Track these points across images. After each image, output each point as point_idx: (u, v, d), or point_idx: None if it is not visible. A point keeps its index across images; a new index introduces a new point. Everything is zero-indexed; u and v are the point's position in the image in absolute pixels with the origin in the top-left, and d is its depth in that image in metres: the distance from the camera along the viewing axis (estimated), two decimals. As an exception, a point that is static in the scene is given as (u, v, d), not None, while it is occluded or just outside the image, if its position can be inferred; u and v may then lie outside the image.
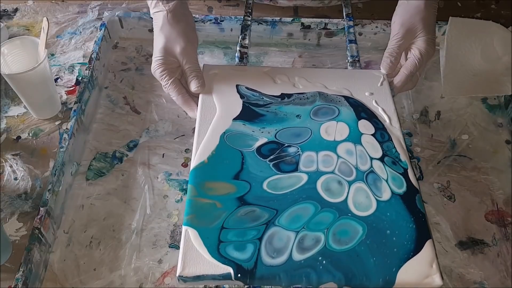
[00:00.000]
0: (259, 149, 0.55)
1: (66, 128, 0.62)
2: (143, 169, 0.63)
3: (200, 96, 0.61)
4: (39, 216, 0.54)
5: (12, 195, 0.61)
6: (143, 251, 0.56)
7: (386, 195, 0.51)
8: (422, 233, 0.49)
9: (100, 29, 0.74)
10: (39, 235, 0.53)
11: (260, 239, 0.48)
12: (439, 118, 0.69)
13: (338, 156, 0.55)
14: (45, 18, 0.63)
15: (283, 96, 0.61)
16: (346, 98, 0.61)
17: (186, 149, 0.65)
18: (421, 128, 0.68)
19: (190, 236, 0.48)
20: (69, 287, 0.54)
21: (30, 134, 0.67)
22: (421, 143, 0.66)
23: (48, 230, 0.55)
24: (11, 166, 0.64)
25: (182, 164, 0.64)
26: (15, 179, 0.63)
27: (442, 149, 0.66)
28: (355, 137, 0.56)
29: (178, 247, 0.56)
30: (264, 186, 0.52)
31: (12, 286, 0.50)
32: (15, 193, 0.61)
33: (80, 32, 0.80)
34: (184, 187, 0.61)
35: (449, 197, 0.61)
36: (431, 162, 0.65)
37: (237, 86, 0.62)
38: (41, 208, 0.55)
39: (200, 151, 0.55)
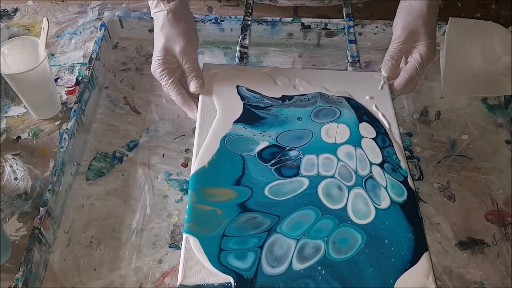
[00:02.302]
0: (260, 153, 0.55)
1: (66, 128, 0.62)
2: (143, 169, 0.63)
3: (200, 97, 0.60)
4: (39, 216, 0.54)
5: (12, 195, 0.61)
6: (143, 251, 0.56)
7: (385, 203, 0.51)
8: (420, 244, 0.49)
9: (100, 29, 0.74)
10: (39, 235, 0.53)
11: (261, 247, 0.48)
12: (439, 118, 0.69)
13: (338, 159, 0.54)
14: (45, 18, 0.63)
15: (284, 98, 0.61)
16: (347, 99, 0.61)
17: (186, 149, 0.65)
18: (421, 128, 0.68)
19: (191, 244, 0.48)
20: (69, 287, 0.54)
21: (30, 134, 0.67)
22: (421, 143, 0.66)
23: (48, 230, 0.55)
24: (11, 166, 0.64)
25: (182, 164, 0.64)
26: (15, 179, 0.63)
27: (442, 149, 0.66)
28: (355, 140, 0.56)
29: (178, 247, 0.56)
30: (266, 191, 0.52)
31: (12, 286, 0.50)
32: (15, 193, 0.61)
33: (80, 32, 0.80)
34: (185, 187, 0.61)
35: (449, 197, 0.61)
36: (431, 162, 0.65)
37: (237, 87, 0.61)
38: (41, 208, 0.55)
39: (201, 155, 0.54)
